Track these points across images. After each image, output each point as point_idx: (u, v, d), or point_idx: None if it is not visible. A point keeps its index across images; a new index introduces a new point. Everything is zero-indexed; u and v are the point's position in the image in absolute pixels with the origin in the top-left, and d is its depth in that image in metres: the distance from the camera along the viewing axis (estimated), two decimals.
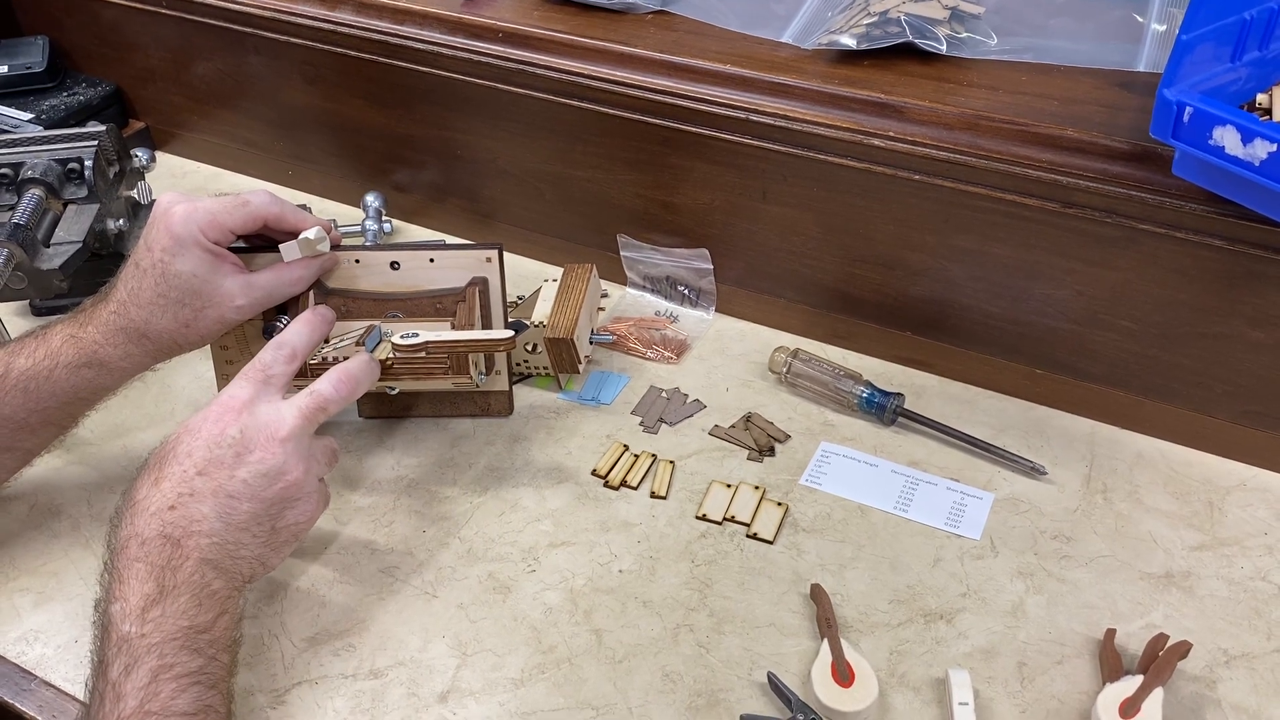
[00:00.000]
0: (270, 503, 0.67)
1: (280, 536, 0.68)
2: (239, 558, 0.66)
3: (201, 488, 0.65)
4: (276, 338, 0.74)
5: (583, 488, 0.85)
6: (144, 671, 0.59)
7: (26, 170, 0.98)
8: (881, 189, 0.87)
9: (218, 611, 0.64)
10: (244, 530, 0.66)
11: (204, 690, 0.61)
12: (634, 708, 0.69)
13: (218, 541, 0.65)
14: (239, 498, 0.66)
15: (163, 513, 0.64)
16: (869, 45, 0.89)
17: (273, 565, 0.69)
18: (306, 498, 0.69)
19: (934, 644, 0.72)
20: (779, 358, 0.93)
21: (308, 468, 0.69)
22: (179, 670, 0.60)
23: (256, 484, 0.66)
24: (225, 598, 0.65)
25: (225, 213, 0.76)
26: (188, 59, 1.19)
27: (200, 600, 0.63)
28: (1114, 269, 0.82)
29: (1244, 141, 0.66)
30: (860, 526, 0.81)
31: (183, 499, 0.65)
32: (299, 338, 0.74)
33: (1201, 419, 0.85)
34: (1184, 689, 0.69)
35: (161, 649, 0.60)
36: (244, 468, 0.66)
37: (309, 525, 0.70)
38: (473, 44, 0.99)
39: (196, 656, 0.61)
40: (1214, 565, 0.77)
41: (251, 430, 0.67)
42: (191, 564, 0.63)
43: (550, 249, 1.07)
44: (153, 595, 0.62)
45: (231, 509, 0.65)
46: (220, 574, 0.65)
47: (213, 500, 0.65)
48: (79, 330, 0.76)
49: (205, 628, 0.63)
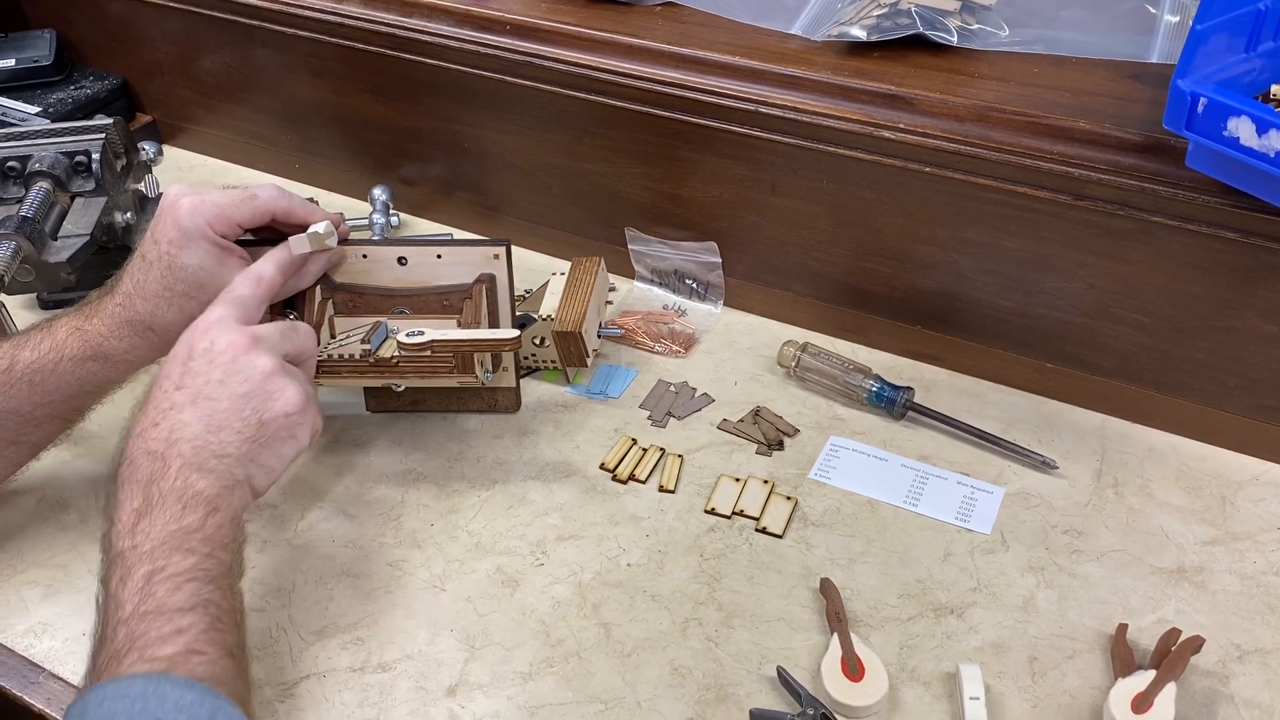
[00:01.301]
0: (249, 396, 0.67)
1: (269, 429, 0.68)
2: (225, 455, 0.66)
3: (180, 399, 0.66)
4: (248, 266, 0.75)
5: (591, 481, 0.84)
6: (138, 577, 0.60)
7: (34, 163, 0.98)
8: (891, 181, 0.86)
9: (206, 510, 0.64)
10: (225, 428, 0.66)
11: (200, 585, 0.61)
12: (642, 701, 0.69)
13: (199, 445, 0.65)
14: (216, 398, 0.66)
15: (147, 431, 0.66)
16: (879, 37, 0.89)
17: (271, 465, 0.69)
18: (287, 386, 0.69)
19: (944, 638, 0.72)
20: (788, 351, 0.92)
21: (282, 364, 0.69)
22: (171, 570, 0.60)
23: (231, 381, 0.67)
24: (214, 496, 0.65)
25: (233, 206, 0.76)
26: (194, 52, 1.19)
27: (185, 503, 0.63)
28: (1126, 262, 0.81)
29: (1259, 133, 0.65)
30: (870, 521, 0.81)
31: (164, 413, 0.66)
32: (266, 265, 0.75)
33: (1214, 413, 0.84)
34: (1197, 684, 0.69)
35: (153, 554, 0.61)
36: (217, 369, 0.67)
37: (302, 417, 0.69)
38: (480, 36, 0.98)
39: (189, 555, 0.61)
40: (1226, 560, 0.77)
41: (221, 339, 0.68)
42: (174, 470, 0.64)
43: (558, 242, 1.07)
44: (141, 509, 0.63)
45: (210, 411, 0.66)
46: (205, 474, 0.65)
47: (191, 408, 0.66)
48: (84, 323, 0.76)
49: (195, 527, 0.63)
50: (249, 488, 0.68)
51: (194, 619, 0.59)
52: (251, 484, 0.68)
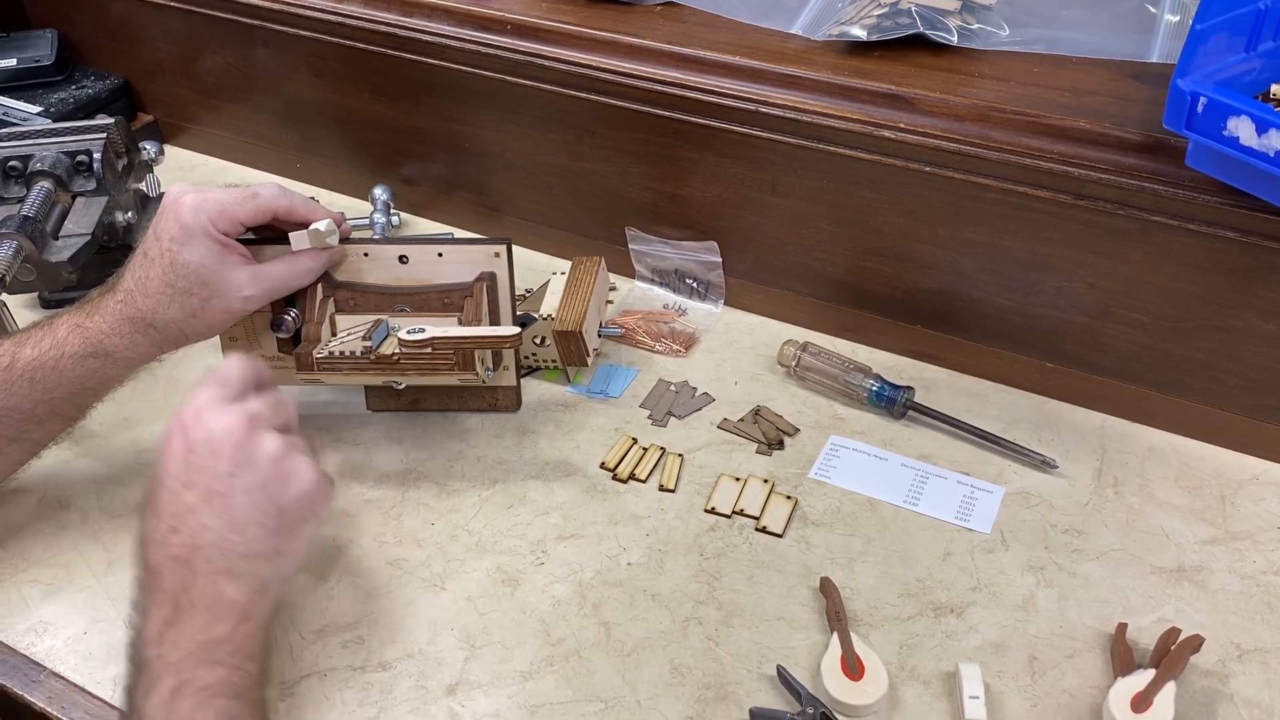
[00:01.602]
0: (264, 484, 0.64)
1: (290, 516, 0.65)
2: (252, 555, 0.64)
3: (193, 500, 0.63)
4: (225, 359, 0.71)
5: (591, 481, 0.84)
6: (163, 691, 0.58)
7: (35, 163, 0.98)
8: (892, 181, 0.86)
9: (237, 619, 0.62)
10: (248, 524, 0.64)
11: (226, 701, 0.59)
12: (642, 700, 0.69)
13: (224, 548, 0.63)
14: (231, 494, 0.63)
15: (167, 538, 0.63)
16: (879, 36, 0.89)
17: (295, 551, 0.66)
18: (298, 466, 0.66)
19: (944, 637, 0.72)
20: (788, 351, 0.92)
21: (286, 440, 0.66)
22: (197, 685, 0.59)
23: (242, 473, 0.64)
24: (244, 604, 0.63)
25: (235, 204, 0.76)
26: (196, 52, 1.19)
27: (215, 612, 0.61)
28: (1126, 261, 0.81)
29: (1259, 132, 0.65)
30: (870, 520, 0.81)
31: (180, 518, 0.63)
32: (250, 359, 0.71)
33: (1214, 412, 0.84)
34: (1196, 683, 0.69)
35: (179, 666, 0.59)
36: (224, 462, 0.64)
37: (317, 495, 0.67)
38: (481, 36, 0.99)
39: (216, 668, 0.60)
40: (1226, 559, 0.77)
41: (217, 424, 0.65)
42: (203, 578, 0.62)
43: (558, 242, 1.07)
44: (169, 618, 0.61)
45: (227, 507, 0.63)
46: (234, 579, 0.63)
47: (206, 507, 0.63)
48: (85, 320, 0.76)
49: (224, 638, 0.61)
50: (279, 583, 0.66)
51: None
52: (281, 577, 0.66)
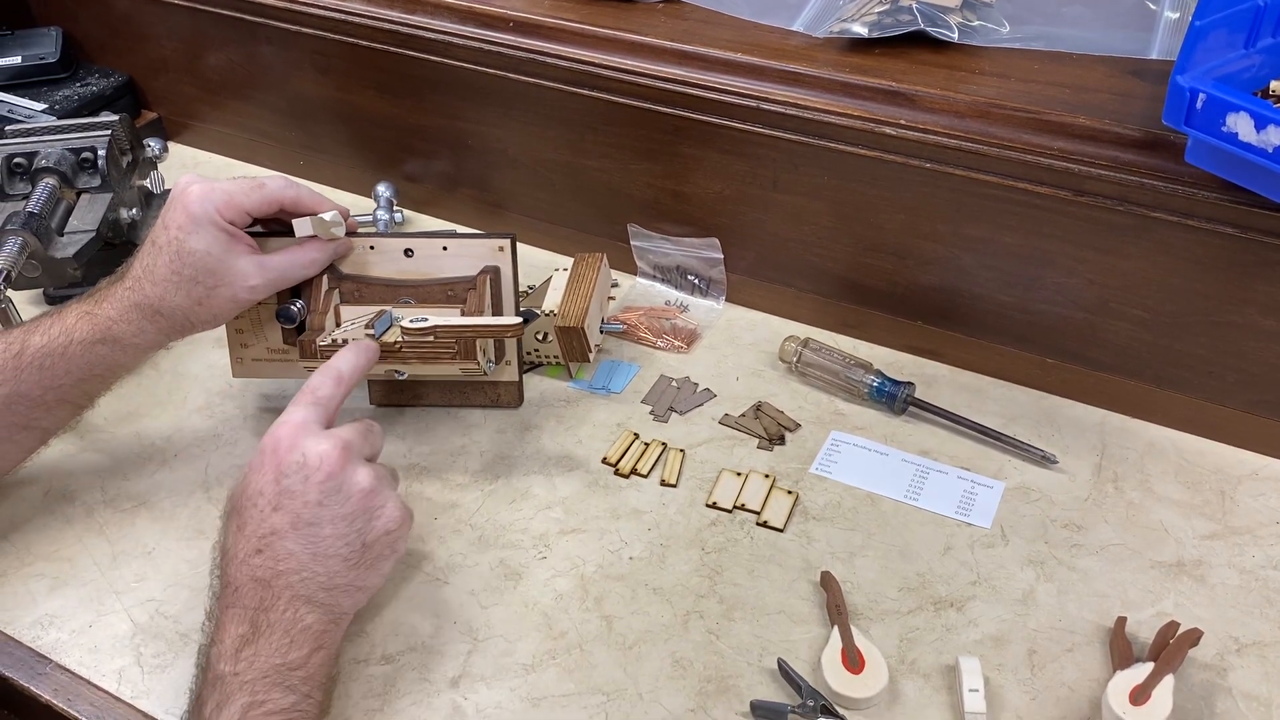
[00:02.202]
0: (351, 518, 0.66)
1: (373, 552, 0.67)
2: (333, 587, 0.65)
3: (280, 524, 0.64)
4: (325, 363, 0.73)
5: (593, 476, 0.85)
6: (235, 708, 0.59)
7: (40, 160, 0.98)
8: (892, 178, 0.87)
9: (312, 647, 0.63)
10: (333, 556, 0.65)
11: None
12: (644, 693, 0.69)
13: (307, 576, 0.64)
14: (319, 523, 0.64)
15: (250, 558, 0.64)
16: (880, 33, 0.89)
17: (374, 585, 0.68)
18: (386, 503, 0.67)
19: (944, 631, 0.72)
20: (789, 347, 0.93)
21: (376, 473, 0.68)
22: (270, 707, 0.60)
23: (331, 504, 0.65)
24: (320, 633, 0.64)
25: (241, 194, 0.77)
26: (200, 49, 1.20)
27: (293, 637, 0.62)
28: (1126, 257, 0.82)
29: (1258, 128, 0.66)
30: (870, 515, 0.81)
31: (266, 540, 0.64)
32: (345, 362, 0.73)
33: (1213, 408, 0.85)
34: (1195, 677, 0.69)
35: (253, 686, 0.60)
36: (314, 490, 0.65)
37: (401, 531, 0.68)
38: (484, 33, 0.99)
39: (289, 694, 0.61)
40: (1225, 554, 0.77)
41: (312, 452, 0.65)
42: (284, 602, 0.63)
43: (561, 238, 1.07)
44: (246, 635, 0.62)
45: (315, 537, 0.64)
46: (314, 608, 0.64)
47: (294, 534, 0.64)
48: (94, 307, 0.77)
49: (298, 664, 0.62)
50: (352, 614, 0.67)
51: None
52: (355, 608, 0.67)
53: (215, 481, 0.85)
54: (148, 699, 0.70)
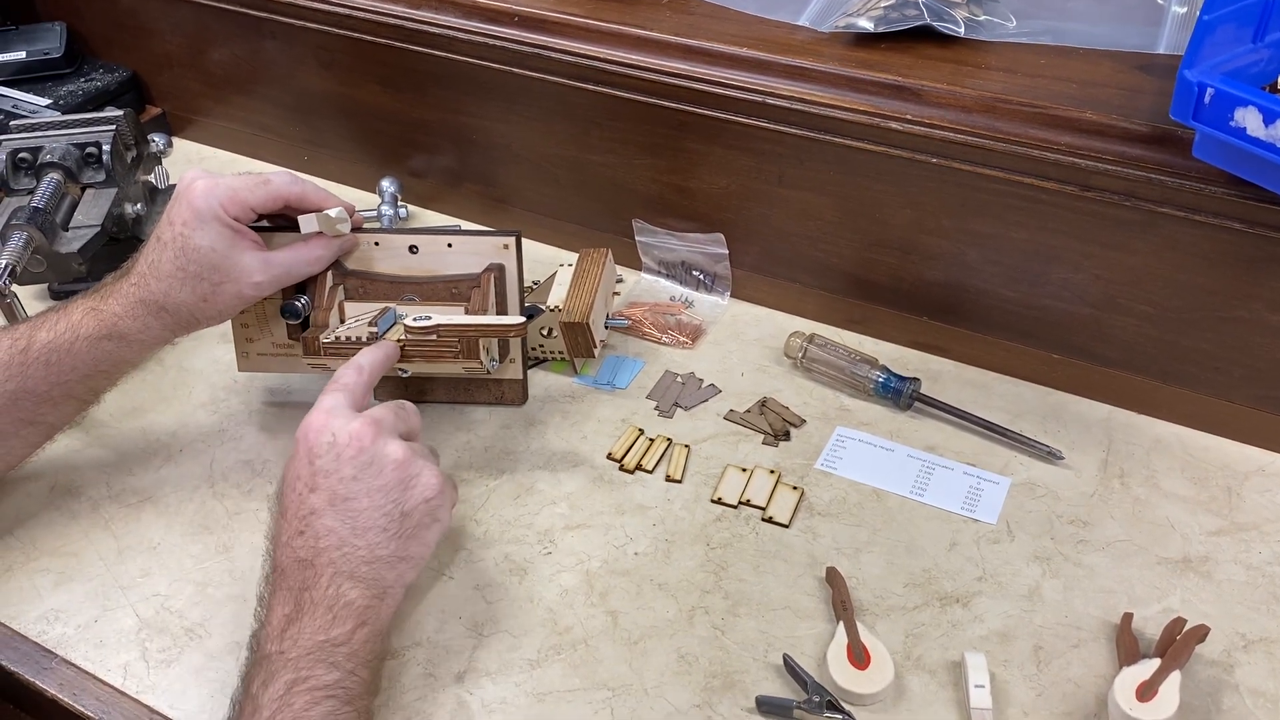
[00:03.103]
0: (386, 490, 0.66)
1: (413, 520, 0.67)
2: (375, 560, 0.65)
3: (318, 503, 0.65)
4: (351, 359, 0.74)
5: (598, 471, 0.85)
6: (280, 684, 0.60)
7: (45, 155, 0.98)
8: (898, 173, 0.87)
9: (355, 623, 0.63)
10: (371, 529, 0.65)
11: (338, 705, 0.60)
12: (649, 689, 0.69)
13: (348, 551, 0.64)
14: (355, 497, 0.65)
15: (292, 540, 0.65)
16: (886, 28, 0.89)
17: (419, 555, 0.68)
18: (422, 470, 0.67)
19: (950, 627, 0.72)
20: (794, 342, 0.93)
21: (409, 446, 0.68)
22: (313, 683, 0.60)
23: (365, 477, 0.65)
24: (364, 608, 0.64)
25: (246, 190, 0.77)
26: (204, 45, 1.19)
27: (335, 613, 0.63)
28: (1132, 253, 0.81)
29: (1266, 123, 0.65)
30: (876, 510, 0.81)
31: (305, 520, 0.65)
32: (365, 356, 0.74)
33: (1220, 404, 0.84)
34: (1201, 673, 0.69)
35: (298, 663, 0.61)
36: (348, 466, 0.65)
37: (441, 499, 0.68)
38: (488, 28, 0.99)
39: (333, 670, 0.61)
40: (1232, 550, 0.77)
41: (342, 431, 0.66)
42: (325, 579, 0.63)
43: (565, 234, 1.07)
44: (291, 615, 0.62)
45: (352, 511, 0.65)
46: (357, 583, 0.64)
47: (332, 511, 0.65)
48: (100, 303, 0.77)
49: (342, 640, 0.62)
50: (400, 588, 0.67)
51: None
52: (402, 582, 0.67)
53: (220, 476, 0.85)
54: (153, 694, 0.70)
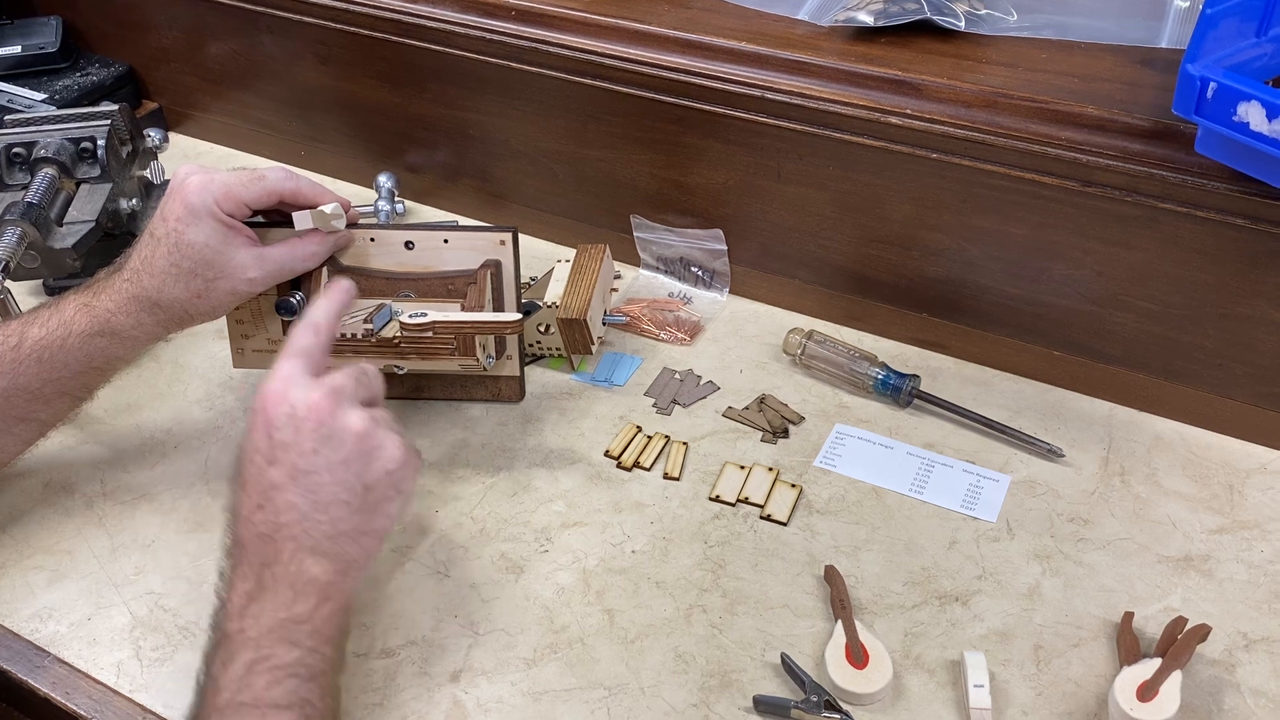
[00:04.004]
0: (349, 463, 0.64)
1: (376, 493, 0.65)
2: (338, 534, 0.63)
3: (278, 477, 0.63)
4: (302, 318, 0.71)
5: (595, 469, 0.84)
6: (240, 664, 0.59)
7: (39, 149, 0.98)
8: (898, 168, 0.86)
9: (319, 599, 0.62)
10: (334, 503, 0.63)
11: (300, 683, 0.60)
12: (646, 688, 0.69)
13: (310, 526, 0.63)
14: (315, 471, 0.63)
15: (253, 515, 0.63)
16: (886, 22, 0.88)
17: (382, 528, 0.66)
18: (383, 442, 0.66)
19: (949, 626, 0.72)
20: (793, 339, 0.92)
21: (370, 415, 0.66)
22: (274, 662, 0.59)
23: (326, 450, 0.64)
24: (327, 584, 0.63)
25: (241, 186, 0.76)
26: (201, 39, 1.19)
27: (297, 590, 0.62)
28: (1134, 249, 0.81)
29: (1269, 118, 0.65)
30: (875, 508, 0.80)
31: (265, 494, 0.63)
32: (320, 311, 0.71)
33: (1221, 401, 0.84)
34: (1202, 672, 0.68)
35: (258, 642, 0.60)
36: (308, 439, 0.63)
37: (404, 471, 0.66)
38: (486, 22, 0.98)
39: (294, 649, 0.60)
40: (1233, 548, 0.76)
41: (300, 401, 0.64)
42: (287, 555, 0.62)
43: (563, 229, 1.06)
44: (252, 592, 0.61)
45: (313, 485, 0.63)
46: (320, 558, 0.63)
47: (292, 486, 0.63)
48: (92, 299, 0.76)
49: (304, 618, 0.61)
50: (364, 561, 0.66)
51: (288, 718, 0.58)
52: (366, 555, 0.66)
53: (215, 474, 0.85)
54: (146, 692, 0.70)
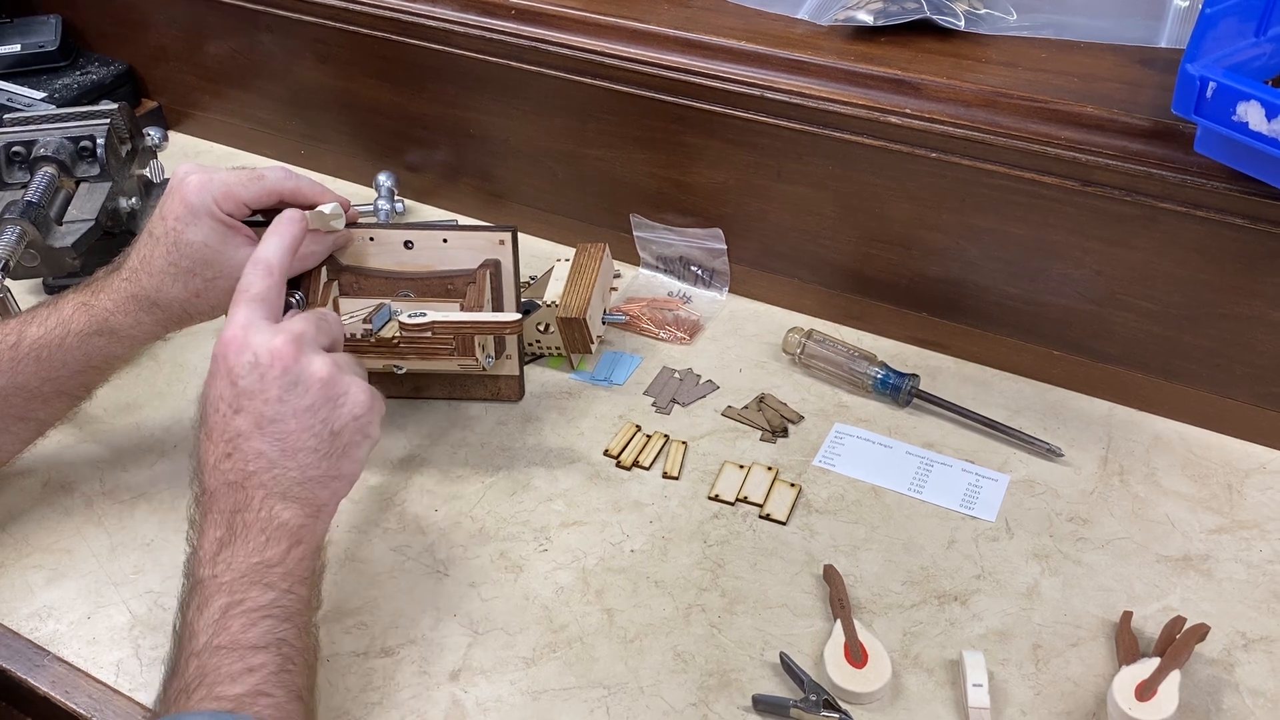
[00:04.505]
0: (315, 409, 0.65)
1: (343, 439, 0.66)
2: (307, 480, 0.64)
3: (244, 425, 0.64)
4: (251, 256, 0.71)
5: (595, 468, 0.84)
6: (214, 609, 0.60)
7: (39, 148, 0.98)
8: (898, 167, 0.86)
9: (290, 542, 0.63)
10: (302, 450, 0.64)
11: (276, 623, 0.60)
12: (645, 687, 0.69)
13: (279, 473, 0.64)
14: (282, 419, 0.64)
15: (220, 464, 0.64)
16: (886, 21, 0.88)
17: (350, 473, 0.67)
18: (349, 386, 0.66)
19: (948, 625, 0.72)
20: (793, 338, 0.92)
21: (334, 360, 0.67)
22: (248, 605, 0.60)
23: (291, 398, 0.64)
24: (298, 528, 0.64)
25: (240, 185, 0.76)
26: (200, 38, 1.19)
27: (269, 535, 0.63)
28: (1133, 248, 0.81)
29: (1268, 117, 0.65)
30: (874, 508, 0.80)
31: (232, 443, 0.64)
32: (270, 250, 0.71)
33: (1221, 401, 0.84)
34: (1201, 672, 0.68)
35: (232, 586, 0.60)
36: (273, 386, 0.64)
37: (369, 416, 0.67)
38: (485, 21, 0.98)
39: (268, 591, 0.61)
40: (1232, 548, 0.76)
41: (262, 348, 0.65)
42: (257, 501, 0.63)
43: (563, 229, 1.06)
44: (224, 539, 0.62)
45: (280, 433, 0.64)
46: (290, 503, 0.64)
47: (259, 433, 0.64)
48: (91, 298, 0.76)
49: (276, 561, 0.62)
50: (333, 504, 0.67)
51: (266, 658, 0.59)
52: (335, 498, 0.67)
53: None
54: (146, 691, 0.70)
